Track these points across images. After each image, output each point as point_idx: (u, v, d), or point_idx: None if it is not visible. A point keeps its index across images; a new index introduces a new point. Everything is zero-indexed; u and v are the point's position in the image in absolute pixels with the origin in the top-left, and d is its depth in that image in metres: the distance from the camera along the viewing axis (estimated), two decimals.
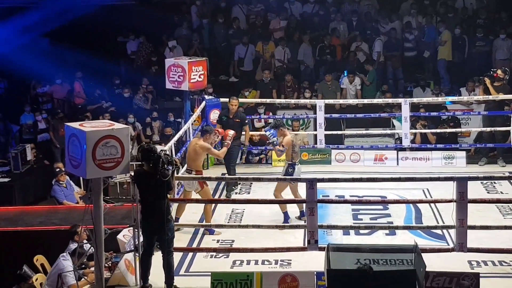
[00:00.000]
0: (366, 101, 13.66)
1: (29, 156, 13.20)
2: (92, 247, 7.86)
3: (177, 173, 9.57)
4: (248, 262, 8.73)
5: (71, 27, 16.69)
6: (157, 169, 7.65)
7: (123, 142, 7.44)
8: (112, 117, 13.28)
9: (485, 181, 11.16)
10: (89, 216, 7.51)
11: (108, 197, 11.01)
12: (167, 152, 8.14)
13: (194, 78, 12.08)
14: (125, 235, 8.51)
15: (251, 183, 11.59)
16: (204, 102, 12.35)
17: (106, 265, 8.09)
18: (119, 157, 7.41)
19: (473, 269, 8.28)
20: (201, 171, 9.81)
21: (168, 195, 7.88)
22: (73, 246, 8.61)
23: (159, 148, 8.30)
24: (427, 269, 7.54)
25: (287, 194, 9.90)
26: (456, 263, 8.35)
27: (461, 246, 8.22)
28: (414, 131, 12.71)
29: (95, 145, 7.23)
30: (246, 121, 11.57)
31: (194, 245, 9.24)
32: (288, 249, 8.64)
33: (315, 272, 7.88)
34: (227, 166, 11.32)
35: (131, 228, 8.17)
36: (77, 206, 10.95)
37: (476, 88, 13.87)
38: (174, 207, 9.78)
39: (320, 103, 12.78)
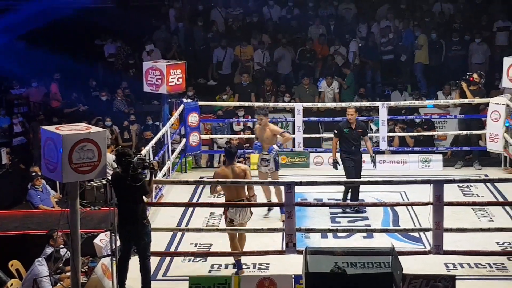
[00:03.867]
0: (344, 104, 13.68)
1: (4, 160, 13.06)
2: (68, 252, 7.80)
3: (155, 177, 9.53)
4: (226, 266, 8.72)
5: (48, 29, 16.57)
6: (127, 173, 7.61)
7: (100, 145, 7.40)
8: (88, 120, 13.21)
9: (461, 184, 11.25)
10: (65, 221, 7.46)
11: (85, 201, 10.94)
12: (143, 157, 8.03)
13: (173, 81, 12.06)
14: (102, 240, 8.45)
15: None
16: (182, 105, 12.33)
17: (82, 270, 8.03)
18: (95, 161, 7.36)
19: (450, 271, 8.35)
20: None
21: (145, 199, 7.84)
22: (49, 250, 8.54)
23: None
24: (404, 272, 7.58)
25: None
26: (432, 265, 8.41)
27: (437, 248, 8.27)
28: (391, 134, 12.78)
29: (72, 148, 7.19)
30: (367, 130, 10.96)
31: (172, 249, 9.21)
32: (266, 253, 8.64)
33: (293, 276, 7.89)
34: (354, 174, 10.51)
35: (108, 232, 8.12)
36: (53, 211, 10.85)
37: (453, 91, 13.99)
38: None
39: (298, 106, 12.82)
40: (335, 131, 10.66)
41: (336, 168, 10.65)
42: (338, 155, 10.63)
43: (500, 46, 16.04)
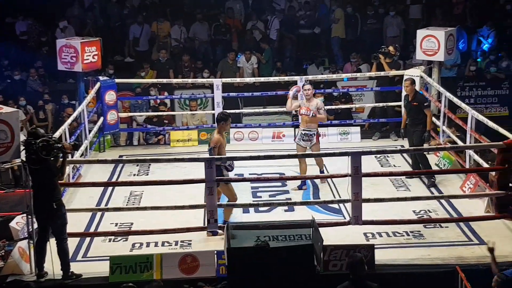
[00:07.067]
0: (262, 79, 13.74)
1: None
2: None
3: (72, 157, 9.34)
4: (148, 245, 8.66)
5: None
6: (26, 155, 7.44)
7: (13, 126, 7.21)
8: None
9: (378, 155, 11.49)
10: None
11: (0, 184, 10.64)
12: (53, 139, 7.77)
13: (88, 59, 11.86)
14: (18, 222, 8.23)
15: (150, 164, 11.44)
16: (98, 83, 12.09)
17: None
18: (8, 142, 7.22)
19: (369, 241, 8.53)
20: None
21: (58, 181, 7.67)
22: None
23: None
24: (324, 243, 7.73)
25: None
26: (352, 235, 8.58)
27: (356, 219, 8.44)
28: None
29: None
30: (426, 104, 10.59)
31: (92, 230, 9.06)
32: (188, 230, 8.62)
33: (215, 251, 7.90)
34: (418, 155, 10.41)
35: (24, 215, 7.91)
36: None
37: (364, 64, 14.31)
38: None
39: (217, 82, 12.78)
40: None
41: (402, 138, 11.14)
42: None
43: (413, 19, 16.39)
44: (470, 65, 15.28)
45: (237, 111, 13.60)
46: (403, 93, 11.30)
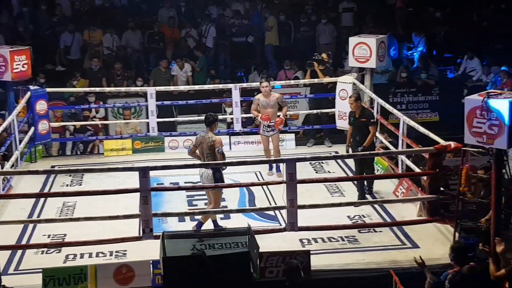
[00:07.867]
0: (197, 87, 13.69)
1: None
2: None
3: (2, 168, 9.12)
4: (82, 256, 8.51)
5: None
6: None
7: None
8: None
9: (313, 162, 11.59)
10: None
11: None
12: None
13: (17, 68, 11.60)
14: None
15: (83, 175, 11.25)
16: (29, 93, 11.83)
17: None
18: None
19: (304, 247, 8.58)
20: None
21: None
22: None
23: None
24: (260, 250, 7.74)
25: None
26: (288, 242, 8.62)
27: (292, 225, 8.47)
28: (245, 115, 12.93)
29: None
30: (372, 120, 10.14)
31: (24, 242, 8.85)
32: (123, 240, 8.49)
33: (151, 261, 7.82)
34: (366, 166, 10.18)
35: None
36: None
37: (299, 72, 14.43)
38: None
39: (151, 90, 12.67)
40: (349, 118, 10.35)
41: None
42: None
43: (345, 26, 16.65)
44: (401, 71, 15.61)
45: (171, 119, 13.52)
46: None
